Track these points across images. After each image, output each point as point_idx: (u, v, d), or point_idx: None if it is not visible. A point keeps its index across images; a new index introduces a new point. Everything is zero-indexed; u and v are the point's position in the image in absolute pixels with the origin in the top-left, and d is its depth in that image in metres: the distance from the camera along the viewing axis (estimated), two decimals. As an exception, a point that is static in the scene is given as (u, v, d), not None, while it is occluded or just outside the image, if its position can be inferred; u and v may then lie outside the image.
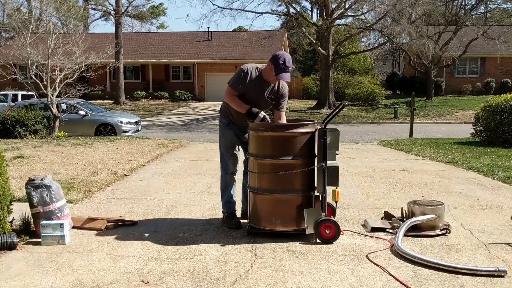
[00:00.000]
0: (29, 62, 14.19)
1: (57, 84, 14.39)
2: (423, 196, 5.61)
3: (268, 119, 4.21)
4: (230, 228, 4.40)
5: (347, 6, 26.46)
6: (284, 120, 4.44)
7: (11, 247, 3.80)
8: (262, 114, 4.17)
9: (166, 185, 6.56)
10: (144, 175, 7.36)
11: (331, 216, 4.27)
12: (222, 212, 4.61)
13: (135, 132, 16.28)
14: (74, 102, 16.17)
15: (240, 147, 4.61)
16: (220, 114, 4.63)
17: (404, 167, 7.97)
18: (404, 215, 4.41)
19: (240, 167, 4.65)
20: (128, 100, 31.40)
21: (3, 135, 12.97)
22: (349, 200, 5.47)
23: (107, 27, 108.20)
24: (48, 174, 4.34)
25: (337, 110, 4.22)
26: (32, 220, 4.22)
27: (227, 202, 4.55)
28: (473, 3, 30.64)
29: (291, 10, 29.00)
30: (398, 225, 4.21)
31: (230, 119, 4.50)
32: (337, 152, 4.16)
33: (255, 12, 41.31)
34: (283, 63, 4.14)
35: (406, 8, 23.10)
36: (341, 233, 4.03)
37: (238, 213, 4.64)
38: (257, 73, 4.30)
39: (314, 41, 28.87)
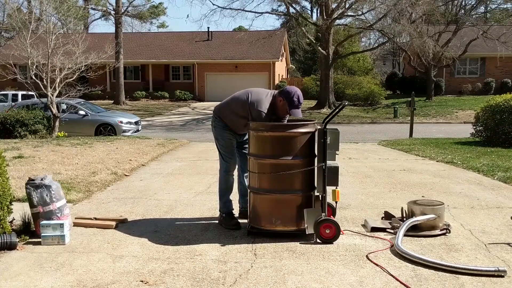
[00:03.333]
0: (29, 62, 14.18)
1: (57, 84, 14.38)
2: (423, 196, 5.61)
3: None
4: (229, 229, 4.40)
5: (347, 6, 26.45)
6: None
7: (11, 247, 3.80)
8: None
9: (166, 185, 6.56)
10: (144, 175, 7.36)
11: (331, 216, 4.27)
12: (220, 212, 4.60)
13: (135, 132, 16.27)
14: (74, 102, 16.16)
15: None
16: (215, 118, 4.58)
17: (404, 167, 7.97)
18: (404, 215, 4.41)
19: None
20: (128, 100, 31.40)
21: (3, 135, 12.96)
22: (349, 200, 5.47)
23: (107, 27, 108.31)
24: (48, 174, 4.34)
25: (337, 110, 4.23)
26: (32, 220, 4.22)
27: (226, 202, 4.57)
28: (473, 3, 30.60)
29: (291, 10, 29.02)
30: (398, 225, 4.21)
31: (227, 124, 4.53)
32: (337, 152, 4.17)
33: (255, 12, 41.39)
34: (297, 100, 4.22)
35: (406, 8, 23.09)
36: (341, 233, 4.03)
37: (236, 212, 4.64)
38: (269, 102, 4.27)
39: (314, 41, 28.87)
